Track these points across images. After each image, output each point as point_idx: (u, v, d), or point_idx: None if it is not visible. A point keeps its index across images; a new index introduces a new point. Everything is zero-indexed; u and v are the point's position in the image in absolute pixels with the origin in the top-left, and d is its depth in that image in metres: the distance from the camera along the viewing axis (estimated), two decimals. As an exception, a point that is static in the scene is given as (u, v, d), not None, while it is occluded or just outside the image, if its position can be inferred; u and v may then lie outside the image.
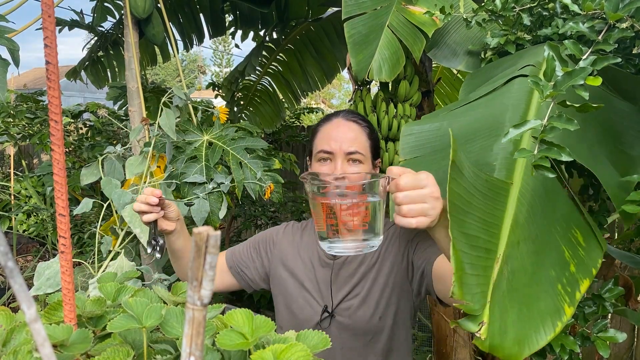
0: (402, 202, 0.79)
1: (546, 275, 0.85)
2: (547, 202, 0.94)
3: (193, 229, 0.30)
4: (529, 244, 0.88)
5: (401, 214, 0.80)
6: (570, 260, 0.88)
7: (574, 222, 0.92)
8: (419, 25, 1.46)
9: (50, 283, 1.21)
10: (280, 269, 1.26)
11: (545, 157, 0.86)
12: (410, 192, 0.79)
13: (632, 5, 0.93)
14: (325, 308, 1.18)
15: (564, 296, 0.83)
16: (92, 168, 1.54)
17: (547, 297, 0.82)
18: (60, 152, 0.50)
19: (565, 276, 0.85)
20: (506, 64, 1.27)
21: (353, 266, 1.19)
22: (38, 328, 0.26)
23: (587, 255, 0.88)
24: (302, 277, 1.22)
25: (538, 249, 0.88)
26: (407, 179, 0.80)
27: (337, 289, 1.18)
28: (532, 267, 0.85)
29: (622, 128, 1.10)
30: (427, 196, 0.79)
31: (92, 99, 8.83)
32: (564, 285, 0.84)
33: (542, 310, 0.80)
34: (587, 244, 0.90)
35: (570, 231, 0.91)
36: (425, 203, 0.79)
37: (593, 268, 0.87)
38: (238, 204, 3.48)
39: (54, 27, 0.49)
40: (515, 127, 0.87)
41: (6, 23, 1.27)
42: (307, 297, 1.21)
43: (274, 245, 1.31)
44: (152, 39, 1.96)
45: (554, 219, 0.92)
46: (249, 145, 1.61)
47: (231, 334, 0.48)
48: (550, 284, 0.84)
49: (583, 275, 0.86)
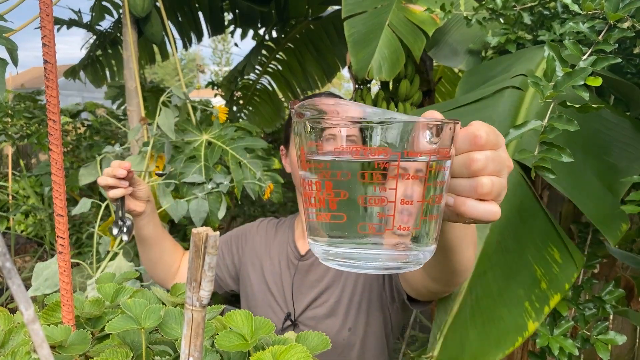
0: (484, 169, 0.46)
1: (513, 295, 0.90)
2: (521, 224, 0.98)
3: (192, 229, 0.29)
4: (496, 271, 0.94)
5: (482, 192, 0.46)
6: (542, 278, 0.92)
7: (551, 240, 0.95)
8: (419, 24, 1.46)
9: (49, 284, 1.20)
10: (249, 269, 1.16)
11: (545, 159, 0.86)
12: (493, 153, 0.46)
13: (632, 5, 0.92)
14: (288, 316, 1.06)
15: (530, 312, 0.88)
16: (90, 168, 1.53)
17: (511, 315, 0.88)
18: (58, 151, 0.49)
19: (534, 293, 0.90)
20: (502, 65, 1.28)
21: (322, 268, 1.07)
22: (36, 329, 0.26)
23: (561, 272, 0.92)
24: (268, 279, 1.12)
25: (507, 273, 0.93)
26: (488, 129, 0.47)
27: (302, 295, 1.06)
28: (499, 290, 0.91)
29: (610, 139, 1.11)
30: (505, 165, 0.48)
31: (91, 98, 8.80)
32: (532, 302, 0.89)
33: (504, 327, 0.87)
34: (563, 261, 0.93)
35: (546, 249, 0.95)
36: (503, 177, 0.48)
37: (566, 283, 0.91)
38: (237, 204, 3.48)
39: (52, 26, 0.48)
40: (516, 128, 0.88)
41: (4, 22, 1.26)
42: (270, 301, 1.10)
43: (246, 242, 1.21)
44: (150, 38, 1.95)
45: (529, 239, 0.96)
46: (249, 145, 1.61)
47: (230, 335, 0.48)
48: (517, 302, 0.89)
49: (554, 290, 0.90)
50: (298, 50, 3.53)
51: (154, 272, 1.20)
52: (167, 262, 1.18)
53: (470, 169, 0.46)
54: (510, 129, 0.88)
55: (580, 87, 0.83)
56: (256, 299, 1.12)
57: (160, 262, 1.18)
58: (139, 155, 1.54)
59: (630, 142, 1.11)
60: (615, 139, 1.11)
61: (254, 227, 1.24)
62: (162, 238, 1.16)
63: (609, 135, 1.12)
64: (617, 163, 1.08)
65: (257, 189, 1.53)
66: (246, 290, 1.17)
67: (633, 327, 1.69)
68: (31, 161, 5.10)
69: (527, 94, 1.10)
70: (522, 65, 1.17)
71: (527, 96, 1.10)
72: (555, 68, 0.86)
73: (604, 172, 1.06)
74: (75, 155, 3.23)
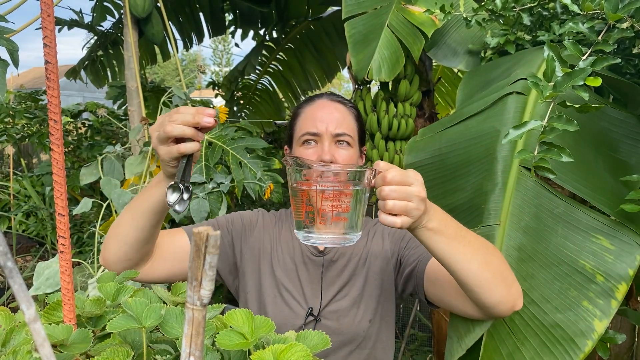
0: (387, 197, 0.75)
1: (564, 298, 0.86)
2: (543, 228, 0.95)
3: (193, 228, 0.30)
4: (530, 280, 0.90)
5: (386, 209, 0.76)
6: (595, 271, 0.86)
7: (591, 229, 0.91)
8: (418, 25, 1.46)
9: (50, 283, 1.21)
10: (256, 263, 1.10)
11: (544, 159, 0.86)
12: (397, 187, 0.76)
13: (632, 5, 0.93)
14: (310, 311, 1.05)
15: (592, 311, 0.83)
16: (91, 168, 1.54)
17: (569, 319, 0.84)
18: (59, 151, 0.50)
19: (591, 289, 0.85)
20: (502, 67, 1.28)
21: (341, 263, 1.09)
22: (38, 328, 0.26)
23: (616, 259, 0.87)
24: (280, 276, 1.08)
25: (547, 278, 0.89)
26: (395, 173, 0.76)
27: (324, 290, 1.07)
28: (542, 298, 0.87)
29: (618, 136, 1.11)
30: (413, 195, 0.75)
31: (91, 98, 8.82)
32: (592, 299, 0.84)
33: (562, 335, 0.83)
34: (616, 246, 0.88)
35: (589, 240, 0.90)
36: (411, 202, 0.75)
37: (629, 269, 0.85)
38: (238, 204, 3.48)
39: (53, 26, 0.49)
40: (515, 128, 0.88)
41: (5, 23, 1.27)
42: (287, 298, 1.07)
43: (250, 233, 1.12)
44: (151, 38, 1.96)
45: (563, 237, 0.92)
46: (249, 145, 1.61)
47: (231, 334, 0.48)
48: (571, 304, 0.85)
49: (616, 281, 0.85)
50: (298, 51, 3.54)
51: (125, 247, 0.92)
52: (145, 249, 0.95)
53: (380, 195, 0.77)
54: (510, 129, 0.88)
55: (580, 87, 0.84)
56: (268, 295, 1.07)
57: (141, 242, 0.93)
58: (140, 155, 1.54)
59: (639, 137, 1.10)
60: (624, 136, 1.11)
61: (259, 218, 1.16)
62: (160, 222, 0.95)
63: (617, 132, 1.11)
64: (627, 160, 1.07)
65: (257, 188, 1.53)
66: (252, 284, 1.10)
67: (632, 326, 1.69)
68: (32, 161, 5.10)
69: (530, 98, 1.10)
70: (522, 68, 1.17)
71: (530, 101, 1.09)
72: (555, 68, 0.86)
73: (616, 169, 1.05)
74: (76, 155, 3.23)
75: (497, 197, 1.00)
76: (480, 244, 0.83)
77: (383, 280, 1.08)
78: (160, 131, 0.76)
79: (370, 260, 1.09)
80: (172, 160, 0.78)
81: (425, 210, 0.78)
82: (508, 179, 1.01)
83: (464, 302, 0.89)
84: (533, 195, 0.98)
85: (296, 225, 0.85)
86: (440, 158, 1.17)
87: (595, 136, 1.09)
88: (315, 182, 0.79)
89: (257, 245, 1.11)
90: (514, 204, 0.98)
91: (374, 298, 1.07)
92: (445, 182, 1.11)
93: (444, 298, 0.96)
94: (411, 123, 1.83)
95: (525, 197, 0.98)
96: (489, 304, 0.83)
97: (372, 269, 1.09)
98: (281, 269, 1.09)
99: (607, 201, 0.95)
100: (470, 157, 1.11)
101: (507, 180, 1.01)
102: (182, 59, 25.98)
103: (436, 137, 1.22)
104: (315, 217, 0.80)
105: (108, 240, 0.93)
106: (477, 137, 1.12)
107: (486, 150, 1.08)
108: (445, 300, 0.96)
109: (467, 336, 0.90)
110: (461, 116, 1.20)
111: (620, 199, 0.95)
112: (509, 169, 1.02)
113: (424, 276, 1.00)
